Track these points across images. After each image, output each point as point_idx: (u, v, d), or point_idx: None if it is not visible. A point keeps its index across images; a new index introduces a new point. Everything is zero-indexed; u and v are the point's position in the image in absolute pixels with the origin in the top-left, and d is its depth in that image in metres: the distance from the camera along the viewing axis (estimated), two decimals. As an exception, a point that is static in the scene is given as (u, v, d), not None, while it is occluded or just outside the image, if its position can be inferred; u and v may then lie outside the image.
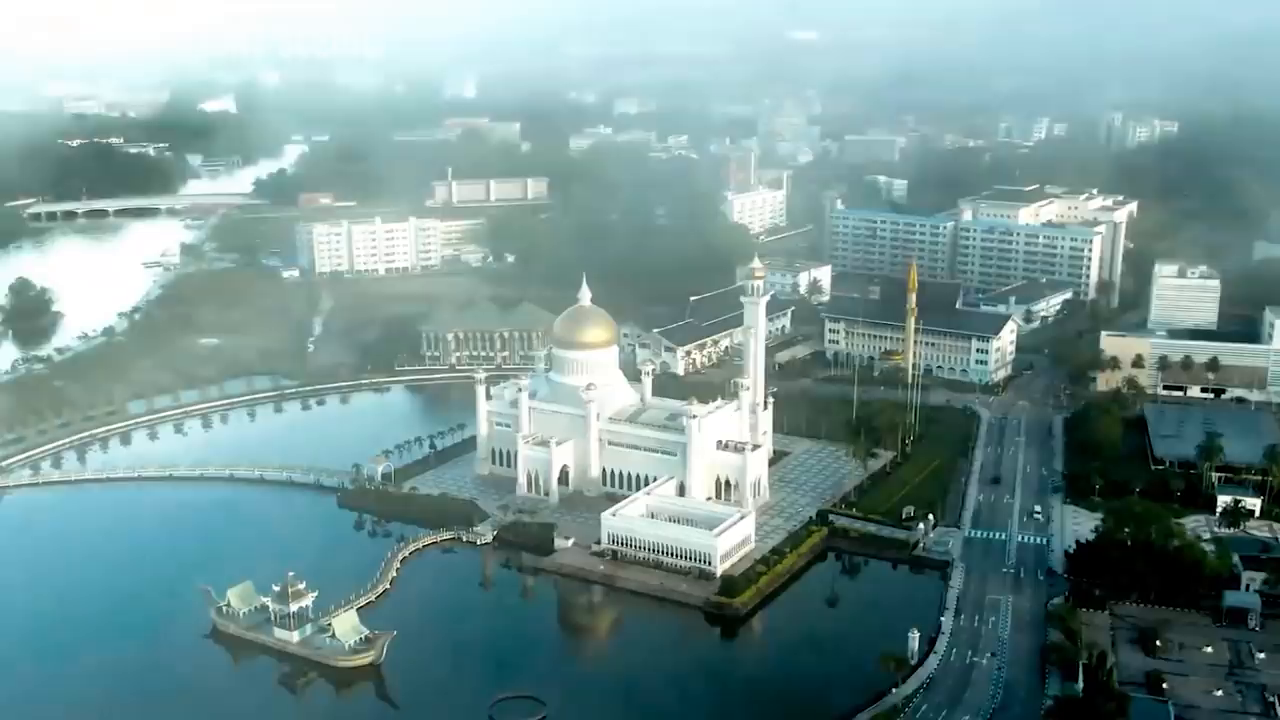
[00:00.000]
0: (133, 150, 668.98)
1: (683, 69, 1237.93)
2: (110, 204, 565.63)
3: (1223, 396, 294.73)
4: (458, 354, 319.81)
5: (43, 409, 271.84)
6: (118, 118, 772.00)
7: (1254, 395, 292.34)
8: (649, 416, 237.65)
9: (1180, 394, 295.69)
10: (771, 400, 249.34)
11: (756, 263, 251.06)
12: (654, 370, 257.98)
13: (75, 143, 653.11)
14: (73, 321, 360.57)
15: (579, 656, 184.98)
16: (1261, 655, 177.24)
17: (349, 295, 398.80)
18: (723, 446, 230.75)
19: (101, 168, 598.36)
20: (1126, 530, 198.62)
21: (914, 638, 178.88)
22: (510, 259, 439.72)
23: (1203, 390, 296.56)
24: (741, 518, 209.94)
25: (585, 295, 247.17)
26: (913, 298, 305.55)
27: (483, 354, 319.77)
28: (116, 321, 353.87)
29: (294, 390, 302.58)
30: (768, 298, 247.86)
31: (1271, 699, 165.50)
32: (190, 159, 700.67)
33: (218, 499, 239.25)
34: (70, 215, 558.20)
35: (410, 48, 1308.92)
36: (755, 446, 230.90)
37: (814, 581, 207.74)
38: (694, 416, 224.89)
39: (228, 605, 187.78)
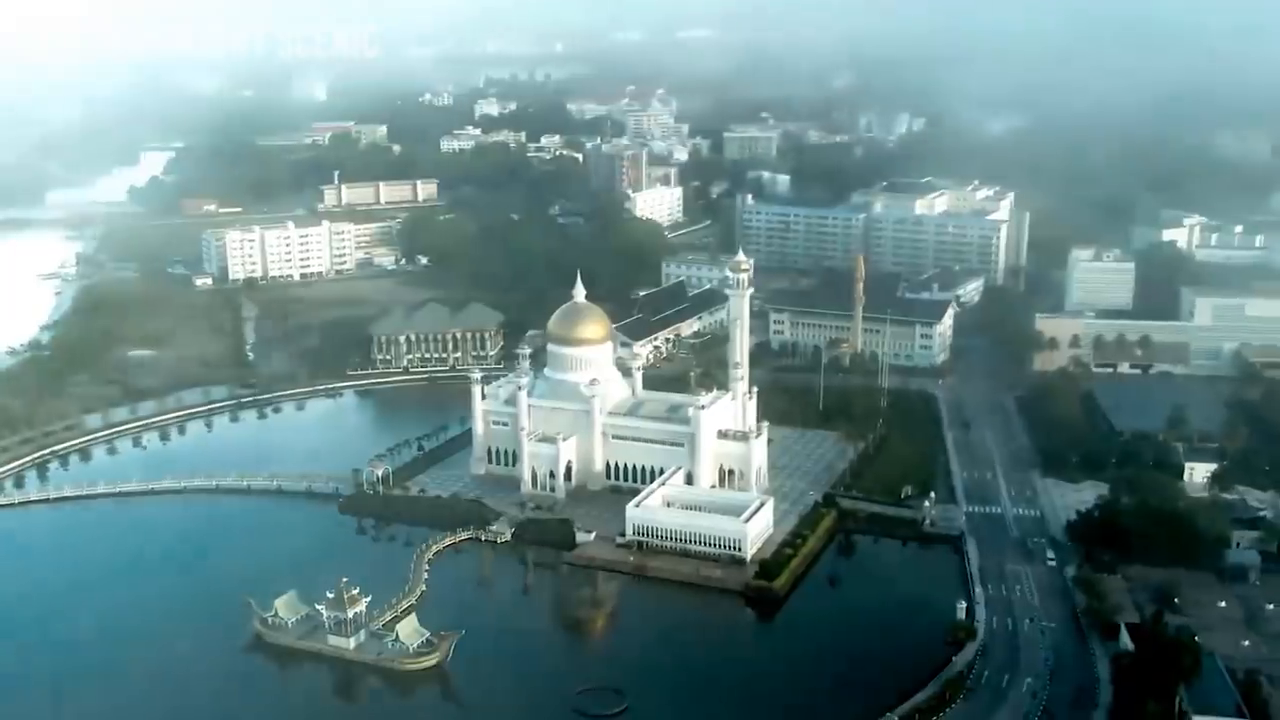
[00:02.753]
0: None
1: (521, 69, 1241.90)
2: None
3: (1150, 371, 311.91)
4: (410, 356, 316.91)
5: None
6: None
7: (1178, 369, 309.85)
8: (649, 409, 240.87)
9: (1111, 370, 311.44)
10: (756, 389, 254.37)
11: (740, 256, 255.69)
12: (642, 366, 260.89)
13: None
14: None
15: (637, 646, 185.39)
16: (1271, 607, 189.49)
17: (270, 302, 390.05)
18: (723, 436, 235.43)
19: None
20: (1131, 497, 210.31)
21: (961, 608, 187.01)
22: (424, 261, 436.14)
23: (1132, 366, 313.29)
24: (762, 504, 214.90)
25: (580, 292, 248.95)
26: (860, 287, 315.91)
27: (435, 356, 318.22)
28: (39, 335, 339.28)
29: (250, 399, 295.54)
30: (751, 290, 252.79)
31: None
32: (49, 167, 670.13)
33: (210, 512, 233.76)
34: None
35: (251, 49, 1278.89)
36: (757, 434, 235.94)
37: (836, 562, 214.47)
38: (701, 407, 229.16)
39: (275, 615, 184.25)
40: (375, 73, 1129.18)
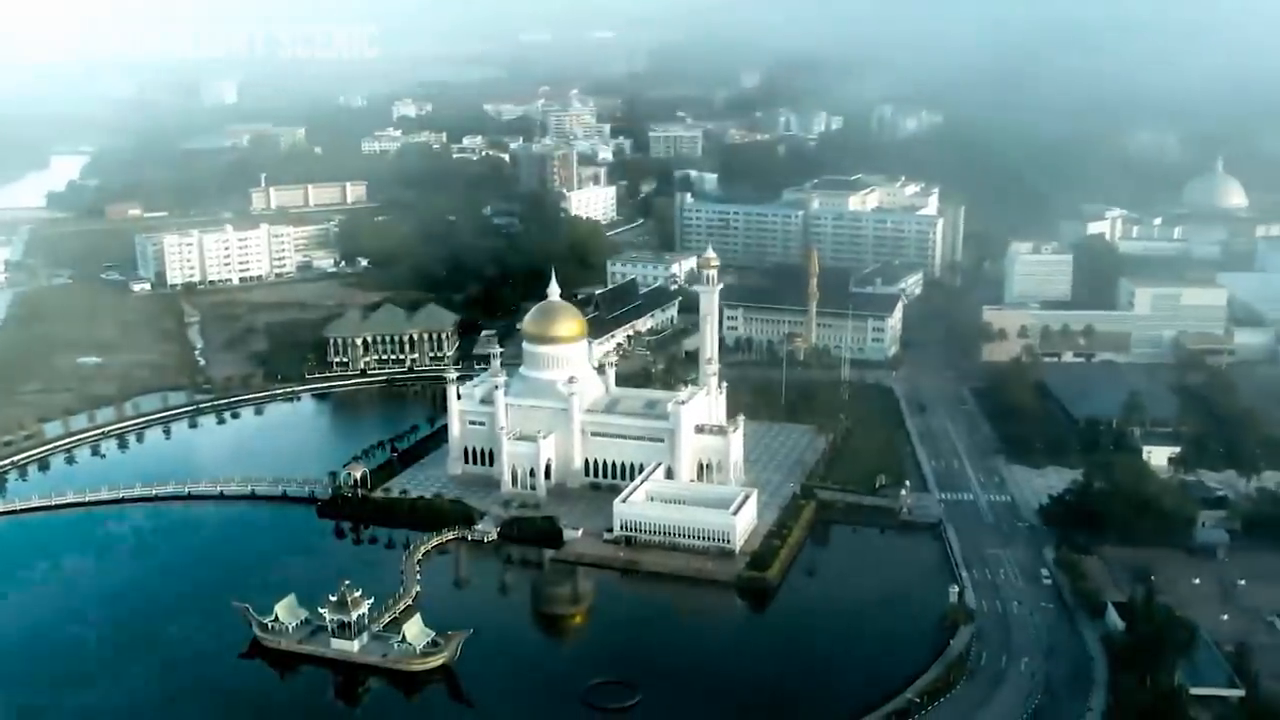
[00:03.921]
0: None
1: (432, 70, 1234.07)
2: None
3: (1093, 360, 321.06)
4: (366, 358, 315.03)
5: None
6: None
7: (1120, 358, 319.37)
8: (626, 406, 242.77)
9: (1056, 359, 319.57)
10: (725, 385, 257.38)
11: (710, 253, 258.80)
12: (615, 363, 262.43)
13: None
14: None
15: (638, 640, 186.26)
16: (1243, 583, 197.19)
17: (213, 306, 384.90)
18: (700, 430, 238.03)
19: None
20: (1105, 480, 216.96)
21: (954, 592, 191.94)
22: (364, 263, 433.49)
23: (1075, 355, 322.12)
24: (746, 497, 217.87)
25: (554, 291, 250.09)
26: (814, 282, 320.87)
27: (392, 357, 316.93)
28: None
29: (209, 404, 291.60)
30: (720, 287, 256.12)
31: (1270, 619, 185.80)
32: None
33: (186, 519, 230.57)
34: None
35: (160, 52, 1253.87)
36: (735, 428, 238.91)
37: (822, 551, 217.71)
38: (681, 402, 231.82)
39: (275, 620, 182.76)
40: (286, 75, 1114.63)
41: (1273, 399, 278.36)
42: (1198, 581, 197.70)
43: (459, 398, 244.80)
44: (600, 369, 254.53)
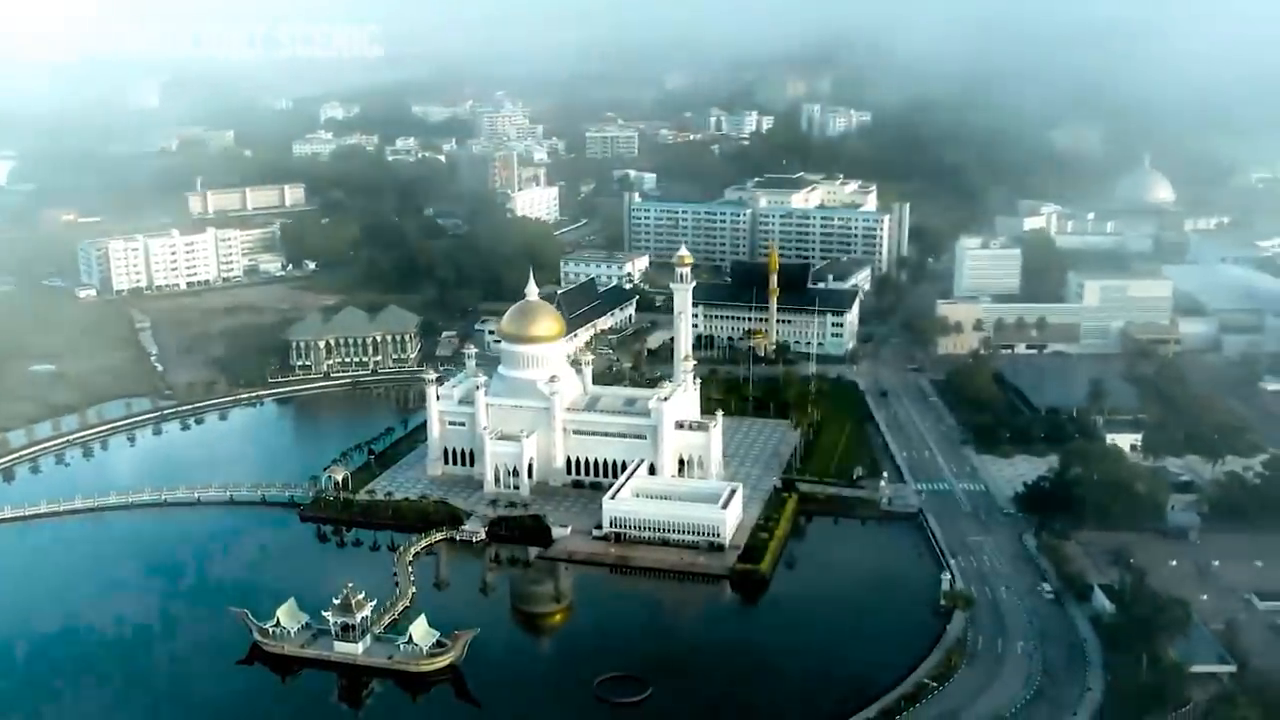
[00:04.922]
0: None
1: (358, 73, 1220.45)
2: None
3: (1044, 351, 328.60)
4: (330, 361, 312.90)
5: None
6: None
7: (1070, 349, 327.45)
8: (607, 404, 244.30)
9: (1010, 351, 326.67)
10: (700, 380, 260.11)
11: (683, 251, 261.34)
12: (592, 361, 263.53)
13: None
14: None
15: (640, 634, 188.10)
16: (1216, 563, 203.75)
17: (163, 312, 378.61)
18: (680, 426, 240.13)
19: None
20: (1079, 467, 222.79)
21: (946, 579, 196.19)
22: (312, 266, 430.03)
23: (1028, 347, 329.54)
24: (733, 491, 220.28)
25: (532, 290, 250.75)
26: (774, 279, 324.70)
27: (355, 360, 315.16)
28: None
29: (172, 410, 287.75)
30: (692, 285, 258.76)
31: (1247, 597, 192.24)
32: None
33: (165, 526, 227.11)
34: None
35: (70, 53, 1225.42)
36: (714, 424, 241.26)
37: (808, 543, 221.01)
38: (664, 399, 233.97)
39: (276, 624, 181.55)
40: (206, 76, 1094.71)
41: (1221, 386, 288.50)
42: (1174, 563, 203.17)
43: (438, 398, 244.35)
44: (577, 367, 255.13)
